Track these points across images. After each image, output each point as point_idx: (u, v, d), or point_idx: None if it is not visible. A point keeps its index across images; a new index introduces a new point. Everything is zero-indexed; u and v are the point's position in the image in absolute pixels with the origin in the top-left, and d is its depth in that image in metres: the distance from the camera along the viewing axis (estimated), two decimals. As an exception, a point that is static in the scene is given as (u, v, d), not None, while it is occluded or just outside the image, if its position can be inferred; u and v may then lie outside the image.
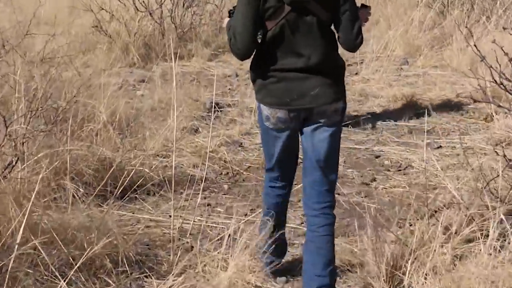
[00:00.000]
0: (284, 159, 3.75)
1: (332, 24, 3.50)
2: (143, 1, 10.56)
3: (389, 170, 5.85)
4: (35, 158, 4.51)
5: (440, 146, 6.30)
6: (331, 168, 3.64)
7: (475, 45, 4.44)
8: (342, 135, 3.73)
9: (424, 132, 6.56)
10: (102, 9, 10.53)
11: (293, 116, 3.48)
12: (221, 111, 7.37)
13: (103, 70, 9.59)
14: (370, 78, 8.81)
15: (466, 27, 10.14)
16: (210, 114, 7.16)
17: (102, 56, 10.16)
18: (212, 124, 6.93)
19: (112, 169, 4.85)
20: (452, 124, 6.92)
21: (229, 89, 8.55)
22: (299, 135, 3.66)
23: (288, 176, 3.89)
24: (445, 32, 10.88)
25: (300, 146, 3.73)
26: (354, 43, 3.50)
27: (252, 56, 3.52)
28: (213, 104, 7.32)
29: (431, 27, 11.02)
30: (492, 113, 6.97)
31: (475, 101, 5.06)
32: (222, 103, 7.67)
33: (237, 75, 9.27)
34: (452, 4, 11.35)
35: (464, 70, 9.05)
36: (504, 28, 5.04)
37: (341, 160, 5.98)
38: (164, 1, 10.73)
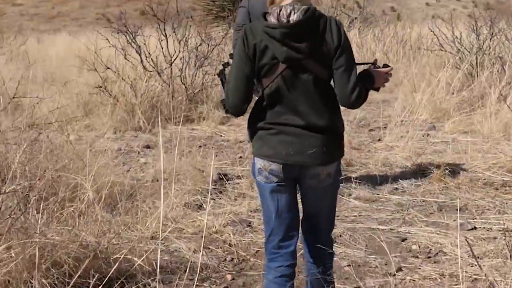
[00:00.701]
0: (283, 214, 3.56)
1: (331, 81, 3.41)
2: (152, 60, 10.05)
3: (417, 257, 5.14)
4: (5, 245, 3.92)
5: (475, 228, 5.59)
6: (326, 224, 3.70)
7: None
8: (364, 213, 3.30)
9: (456, 210, 5.95)
10: (108, 68, 10.04)
11: (286, 171, 3.41)
12: (229, 182, 6.73)
13: (104, 134, 9.15)
14: (394, 146, 8.18)
15: (500, 91, 9.73)
16: (216, 187, 6.55)
17: (106, 118, 9.65)
18: (219, 198, 6.34)
19: (95, 257, 4.23)
20: (486, 201, 6.22)
21: (240, 157, 7.93)
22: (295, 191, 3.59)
23: (290, 243, 3.62)
24: (474, 95, 10.30)
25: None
26: (350, 99, 3.34)
27: (250, 112, 3.50)
28: (221, 176, 6.74)
29: (459, 89, 10.44)
30: (531, 188, 6.30)
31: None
32: (231, 174, 7.05)
33: (250, 141, 8.66)
34: (481, 65, 10.73)
35: (497, 137, 8.49)
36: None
37: (362, 244, 5.38)
38: (174, 59, 10.22)
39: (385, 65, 3.54)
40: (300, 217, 3.68)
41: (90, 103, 10.21)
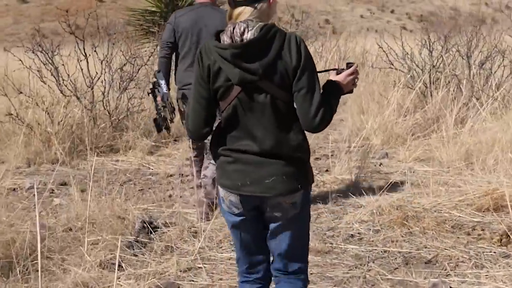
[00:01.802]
0: (248, 247, 3.46)
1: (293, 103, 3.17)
2: (70, 82, 8.97)
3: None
4: None
5: None
6: (296, 259, 3.46)
7: None
8: (316, 270, 3.66)
9: (425, 263, 5.08)
10: (21, 92, 8.92)
11: (244, 202, 3.26)
12: (155, 232, 5.70)
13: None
14: (345, 179, 7.28)
15: (456, 113, 8.94)
16: (139, 238, 5.53)
17: (18, 150, 8.53)
18: (142, 254, 5.33)
19: None
20: (458, 249, 5.33)
21: (170, 196, 6.92)
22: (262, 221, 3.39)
23: (258, 270, 3.53)
24: (428, 117, 9.50)
25: None
26: (314, 123, 3.13)
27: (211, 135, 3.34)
28: (145, 224, 5.72)
29: (412, 111, 9.61)
30: (508, 231, 5.44)
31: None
32: (158, 218, 6.02)
33: (181, 175, 7.68)
34: (435, 84, 9.94)
35: (458, 166, 7.67)
36: None
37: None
38: (96, 82, 9.15)
39: (348, 65, 3.35)
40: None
41: (0, 132, 9.07)
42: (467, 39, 10.69)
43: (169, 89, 5.93)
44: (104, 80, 9.22)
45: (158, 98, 5.92)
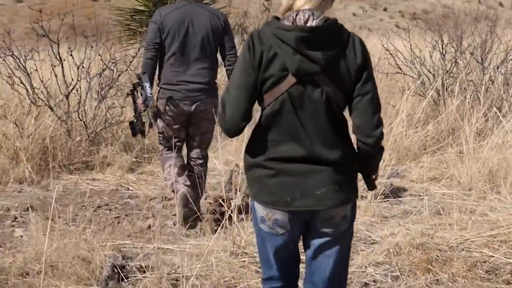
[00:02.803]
0: (285, 266, 3.19)
1: (345, 108, 2.96)
2: (44, 89, 7.95)
3: None
4: None
5: None
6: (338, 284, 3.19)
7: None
8: None
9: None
10: (-16, 101, 7.90)
11: (293, 220, 2.99)
12: (127, 278, 4.70)
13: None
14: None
15: (475, 125, 7.96)
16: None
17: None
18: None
19: None
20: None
21: (149, 227, 5.90)
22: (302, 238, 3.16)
23: (292, 284, 3.27)
24: (442, 128, 8.48)
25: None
26: (375, 132, 2.90)
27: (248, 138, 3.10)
28: (116, 269, 4.72)
29: (423, 121, 8.60)
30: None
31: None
32: (131, 262, 5.00)
33: (164, 198, 6.69)
34: (449, 91, 8.93)
35: (482, 189, 6.69)
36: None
37: None
38: (72, 90, 8.13)
39: None
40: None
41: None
42: (482, 40, 9.69)
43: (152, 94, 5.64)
44: (80, 88, 8.18)
45: (139, 101, 5.71)
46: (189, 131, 5.94)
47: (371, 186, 3.20)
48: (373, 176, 3.16)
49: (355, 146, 3.04)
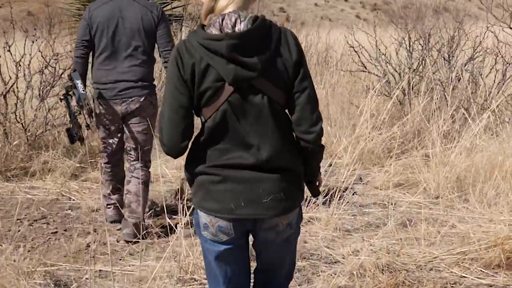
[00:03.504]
0: (232, 278, 3.05)
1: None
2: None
3: None
4: None
5: None
6: (283, 273, 3.18)
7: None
8: None
9: None
10: None
11: (237, 227, 2.90)
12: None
13: None
14: (314, 218, 5.86)
15: (440, 127, 7.60)
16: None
17: None
18: None
19: None
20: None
21: (88, 245, 5.39)
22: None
23: None
24: (407, 130, 8.09)
25: None
26: (315, 129, 2.85)
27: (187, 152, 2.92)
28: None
29: (388, 123, 8.21)
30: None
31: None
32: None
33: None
34: (415, 90, 8.55)
35: (449, 197, 6.32)
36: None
37: None
38: (10, 88, 7.57)
39: None
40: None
41: None
42: (449, 37, 9.32)
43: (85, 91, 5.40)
44: (17, 87, 7.62)
45: (73, 103, 5.43)
46: (126, 132, 5.65)
47: (315, 192, 3.14)
48: (317, 182, 3.13)
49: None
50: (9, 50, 7.59)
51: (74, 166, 7.34)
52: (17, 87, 7.62)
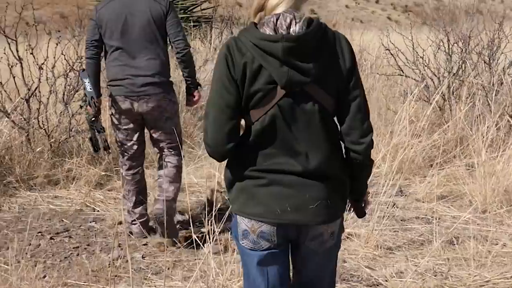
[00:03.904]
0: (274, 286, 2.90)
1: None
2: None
3: None
4: None
5: None
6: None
7: None
8: None
9: None
10: None
11: (281, 234, 2.77)
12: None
13: None
14: (353, 234, 5.47)
15: (485, 134, 7.16)
16: None
17: None
18: None
19: None
20: None
21: (111, 262, 5.05)
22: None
23: None
24: (449, 138, 7.67)
25: None
26: (366, 139, 2.73)
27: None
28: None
29: (428, 130, 7.79)
30: None
31: None
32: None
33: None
34: (456, 96, 8.12)
35: (498, 212, 5.92)
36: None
37: None
38: (34, 92, 7.27)
39: None
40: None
41: None
42: (489, 39, 8.88)
43: (100, 93, 5.43)
44: (39, 92, 7.31)
45: (88, 108, 5.36)
46: (151, 135, 5.54)
47: (360, 212, 3.01)
48: (363, 202, 2.99)
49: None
50: (31, 53, 7.28)
51: (99, 175, 7.01)
52: (39, 91, 7.31)
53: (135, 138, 5.49)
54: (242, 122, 2.81)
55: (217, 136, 2.74)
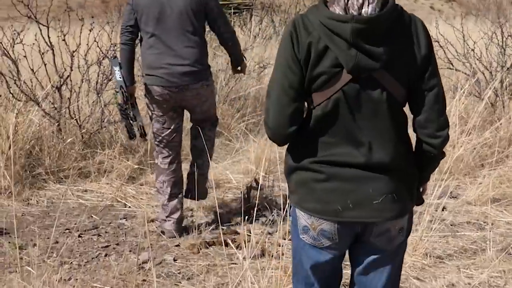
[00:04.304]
0: (324, 286, 2.83)
1: (406, 105, 2.64)
2: (25, 82, 6.85)
3: None
4: None
5: None
6: None
7: None
8: None
9: None
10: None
11: (343, 231, 2.64)
12: None
13: None
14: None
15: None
16: None
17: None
18: None
19: None
20: None
21: (140, 266, 4.75)
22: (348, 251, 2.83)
23: None
24: (501, 136, 7.25)
25: None
26: (443, 132, 2.58)
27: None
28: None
29: (480, 127, 7.38)
30: None
31: None
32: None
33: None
34: (509, 92, 7.69)
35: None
36: None
37: None
38: (66, 79, 7.01)
39: None
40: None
41: None
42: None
43: (133, 81, 5.27)
44: (70, 80, 7.04)
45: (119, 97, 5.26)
46: (190, 116, 5.53)
47: (419, 199, 2.82)
48: (421, 188, 2.83)
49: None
50: (64, 40, 7.01)
51: (131, 168, 6.73)
52: (70, 80, 7.04)
53: (172, 126, 5.31)
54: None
55: (279, 117, 2.62)
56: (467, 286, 4.30)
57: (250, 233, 4.19)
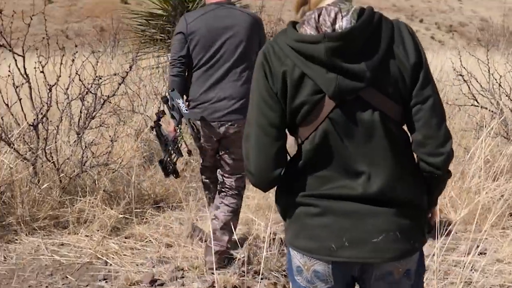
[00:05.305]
0: None
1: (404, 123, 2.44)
2: None
3: None
4: None
5: None
6: None
7: None
8: None
9: None
10: None
11: (338, 273, 2.46)
12: None
13: None
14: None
15: None
16: None
17: None
18: None
19: None
20: None
21: None
22: None
23: None
24: (529, 181, 6.64)
25: None
26: (441, 150, 2.35)
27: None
28: None
29: (508, 171, 6.79)
30: None
31: None
32: None
33: (153, 284, 4.93)
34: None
35: None
36: None
37: None
38: (42, 117, 6.41)
39: None
40: None
41: None
42: None
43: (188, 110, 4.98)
44: (46, 118, 6.43)
45: (170, 129, 5.02)
46: (220, 155, 5.30)
47: (427, 226, 2.57)
48: (430, 214, 2.60)
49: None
50: (42, 71, 6.41)
51: (115, 217, 6.08)
52: (47, 118, 6.42)
53: (211, 160, 5.36)
54: (291, 140, 2.51)
55: (261, 161, 2.46)
56: None
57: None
